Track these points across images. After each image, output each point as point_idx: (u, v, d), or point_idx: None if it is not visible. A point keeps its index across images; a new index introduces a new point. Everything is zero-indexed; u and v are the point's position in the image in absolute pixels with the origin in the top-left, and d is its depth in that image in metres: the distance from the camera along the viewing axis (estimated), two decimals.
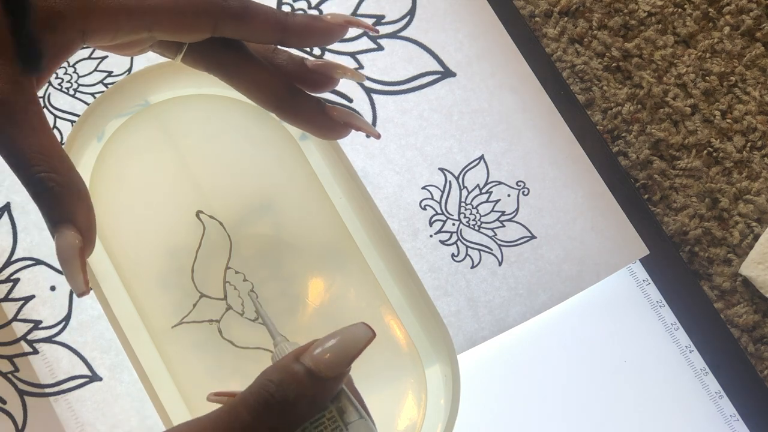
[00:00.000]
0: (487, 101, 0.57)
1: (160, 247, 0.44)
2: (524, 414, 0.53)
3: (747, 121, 0.60)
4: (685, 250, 0.58)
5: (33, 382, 0.50)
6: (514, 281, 0.54)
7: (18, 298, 0.51)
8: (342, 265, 0.45)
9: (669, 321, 0.55)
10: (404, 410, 0.44)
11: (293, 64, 0.41)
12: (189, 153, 0.45)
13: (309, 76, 0.41)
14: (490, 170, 0.56)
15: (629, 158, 0.59)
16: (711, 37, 0.61)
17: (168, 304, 0.43)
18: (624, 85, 0.61)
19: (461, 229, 0.55)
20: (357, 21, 0.41)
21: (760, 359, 0.57)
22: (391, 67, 0.57)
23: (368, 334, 0.32)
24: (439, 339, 0.43)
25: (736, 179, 0.59)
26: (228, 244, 0.44)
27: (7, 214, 0.52)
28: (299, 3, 0.57)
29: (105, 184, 0.44)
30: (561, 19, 0.61)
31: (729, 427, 0.54)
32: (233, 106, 0.45)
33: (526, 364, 0.54)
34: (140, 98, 0.44)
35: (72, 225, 0.34)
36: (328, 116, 0.41)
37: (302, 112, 0.40)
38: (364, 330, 0.32)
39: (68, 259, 0.34)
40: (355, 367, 0.33)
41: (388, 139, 0.55)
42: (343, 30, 0.41)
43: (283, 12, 0.39)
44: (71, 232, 0.34)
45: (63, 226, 0.34)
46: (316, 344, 0.32)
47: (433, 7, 0.58)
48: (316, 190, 0.45)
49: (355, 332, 0.32)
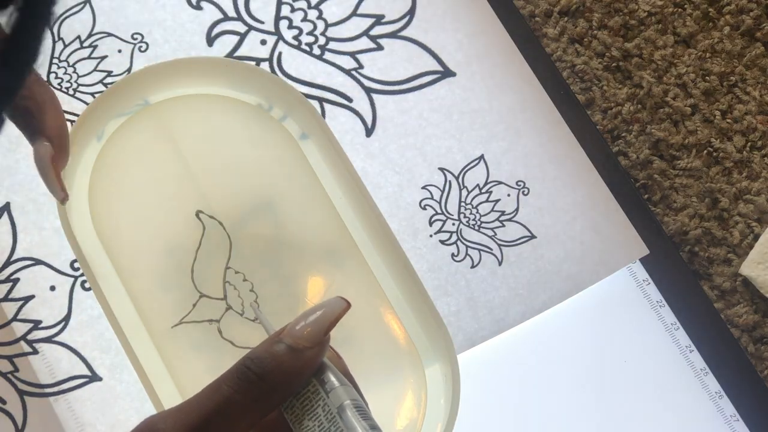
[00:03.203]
0: (487, 101, 0.57)
1: (160, 247, 0.44)
2: (524, 414, 0.53)
3: (747, 121, 0.60)
4: (685, 250, 0.58)
5: (33, 382, 0.50)
6: (514, 281, 0.54)
7: (18, 298, 0.51)
8: (342, 264, 0.45)
9: (669, 321, 0.55)
10: (404, 410, 0.44)
11: None
12: (189, 153, 0.45)
13: None
14: (490, 170, 0.56)
15: (629, 158, 0.59)
16: (711, 37, 0.61)
17: (168, 304, 0.43)
18: (624, 85, 0.61)
19: (461, 228, 0.55)
20: None
21: (760, 359, 0.57)
22: (391, 67, 0.57)
23: (343, 305, 0.34)
24: (439, 339, 0.43)
25: (736, 179, 0.59)
26: (228, 244, 0.44)
27: (6, 214, 0.52)
28: (299, 3, 0.57)
29: (105, 184, 0.44)
30: (561, 19, 0.61)
31: (729, 427, 0.54)
32: (233, 106, 0.45)
33: (525, 364, 0.54)
34: (140, 98, 0.44)
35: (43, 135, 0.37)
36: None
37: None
38: (339, 302, 0.34)
39: (43, 167, 0.37)
40: (355, 366, 0.33)
41: (388, 138, 0.55)
42: None
43: None
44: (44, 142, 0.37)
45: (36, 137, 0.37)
46: (294, 322, 0.33)
47: (433, 7, 0.58)
48: (316, 190, 0.45)
49: (331, 304, 0.34)
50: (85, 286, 0.51)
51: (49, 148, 0.37)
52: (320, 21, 0.57)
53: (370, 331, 0.44)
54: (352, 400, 0.31)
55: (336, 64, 0.56)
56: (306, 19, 0.57)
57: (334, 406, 0.31)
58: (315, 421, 0.31)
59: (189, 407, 0.32)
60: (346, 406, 0.31)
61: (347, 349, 0.44)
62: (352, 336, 0.44)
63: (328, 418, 0.31)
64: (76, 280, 0.51)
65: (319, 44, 0.57)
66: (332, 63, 0.56)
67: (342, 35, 0.57)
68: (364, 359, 0.44)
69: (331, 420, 0.31)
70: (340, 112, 0.56)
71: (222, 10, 0.57)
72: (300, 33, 0.57)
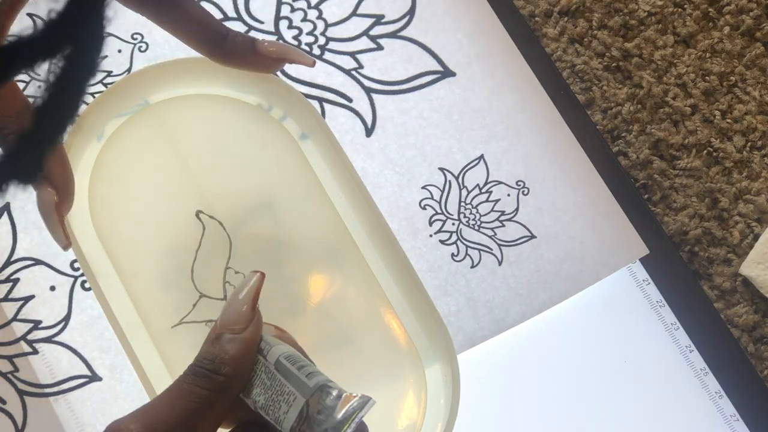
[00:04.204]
0: (487, 101, 0.57)
1: (160, 247, 0.43)
2: (524, 414, 0.53)
3: (747, 121, 0.60)
4: (685, 250, 0.58)
5: (33, 382, 0.50)
6: (514, 281, 0.54)
7: (18, 298, 0.51)
8: (342, 264, 0.45)
9: (669, 321, 0.55)
10: (404, 410, 0.44)
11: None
12: (189, 153, 0.45)
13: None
14: (489, 170, 0.56)
15: (629, 158, 0.59)
16: (711, 37, 0.61)
17: (168, 304, 0.43)
18: (624, 85, 0.61)
19: (461, 228, 0.55)
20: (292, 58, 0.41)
21: (760, 359, 0.57)
22: (391, 67, 0.57)
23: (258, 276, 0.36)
24: (439, 339, 0.43)
25: (736, 179, 0.59)
26: (228, 244, 0.44)
27: (6, 214, 0.52)
28: (299, 3, 0.57)
29: (104, 184, 0.44)
30: (561, 19, 0.61)
31: (729, 427, 0.54)
32: (233, 106, 0.45)
33: (525, 364, 0.54)
34: (140, 98, 0.44)
35: (47, 181, 0.36)
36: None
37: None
38: (253, 275, 0.36)
39: (46, 214, 0.37)
40: (355, 366, 0.34)
41: (388, 138, 0.55)
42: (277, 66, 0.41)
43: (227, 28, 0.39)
44: (47, 189, 0.36)
45: (40, 182, 0.36)
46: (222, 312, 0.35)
47: (433, 6, 0.58)
48: (316, 190, 0.45)
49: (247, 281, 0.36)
50: (85, 286, 0.51)
51: (52, 195, 0.36)
52: (320, 21, 0.57)
53: (370, 331, 0.44)
54: (284, 354, 0.34)
55: (336, 64, 0.56)
56: (306, 19, 0.57)
57: (272, 365, 0.34)
58: (260, 386, 0.34)
59: (153, 409, 0.32)
60: (279, 359, 0.34)
61: (347, 349, 0.44)
62: (352, 336, 0.44)
63: (269, 376, 0.34)
64: (76, 280, 0.51)
65: (319, 44, 0.57)
66: (332, 63, 0.56)
67: (342, 35, 0.57)
68: (364, 359, 0.44)
69: (271, 377, 0.33)
70: (340, 112, 0.56)
71: (222, 10, 0.57)
72: (300, 33, 0.57)
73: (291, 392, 0.33)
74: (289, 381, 0.33)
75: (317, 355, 0.37)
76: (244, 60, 0.41)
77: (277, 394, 0.33)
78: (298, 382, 0.33)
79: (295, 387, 0.33)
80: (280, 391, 0.33)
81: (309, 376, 0.33)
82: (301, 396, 0.32)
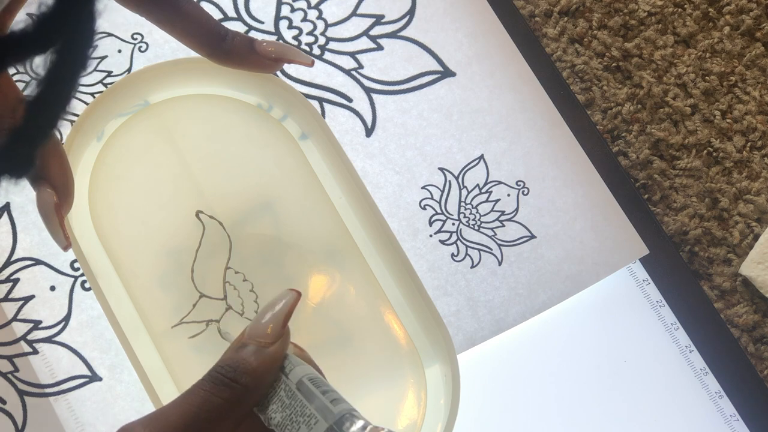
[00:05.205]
0: (487, 101, 0.57)
1: (160, 247, 0.44)
2: (524, 414, 0.53)
3: (747, 121, 0.60)
4: (685, 250, 0.58)
5: (33, 382, 0.50)
6: (514, 281, 0.54)
7: (18, 298, 0.51)
8: (342, 264, 0.45)
9: (669, 321, 0.55)
10: (404, 410, 0.44)
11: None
12: (189, 153, 0.45)
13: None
14: (489, 170, 0.56)
15: (629, 158, 0.59)
16: (711, 37, 0.61)
17: (168, 304, 0.43)
18: (624, 85, 0.61)
19: (461, 228, 0.55)
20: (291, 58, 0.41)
21: (760, 359, 0.57)
22: (391, 67, 0.57)
23: (294, 296, 0.35)
24: (439, 339, 0.43)
25: (736, 179, 0.59)
26: (228, 244, 0.44)
27: (6, 214, 0.52)
28: (299, 3, 0.57)
29: (105, 184, 0.44)
30: (561, 19, 0.61)
31: (729, 427, 0.54)
32: (233, 106, 0.45)
33: (525, 364, 0.54)
34: (140, 98, 0.44)
35: (47, 182, 0.36)
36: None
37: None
38: (290, 293, 0.35)
39: (46, 215, 0.37)
40: (355, 366, 0.33)
41: (388, 138, 0.55)
42: (276, 66, 0.41)
43: (225, 28, 0.39)
44: (47, 189, 0.36)
45: (40, 183, 0.36)
46: (253, 322, 0.35)
47: (433, 6, 0.58)
48: (316, 190, 0.45)
49: (284, 298, 0.35)
50: (85, 286, 0.51)
51: (52, 196, 0.36)
52: (320, 21, 0.57)
53: (370, 331, 0.44)
54: (308, 375, 0.34)
55: (336, 64, 0.56)
56: (306, 19, 0.57)
57: (293, 384, 0.33)
58: (278, 403, 0.33)
59: (165, 414, 0.32)
60: (303, 380, 0.33)
61: (347, 349, 0.44)
62: (352, 336, 0.44)
63: (289, 395, 0.33)
64: (76, 280, 0.51)
65: (319, 44, 0.57)
66: (332, 63, 0.56)
67: (342, 35, 0.57)
68: (364, 359, 0.44)
69: (291, 396, 0.33)
70: (340, 112, 0.56)
71: (222, 10, 0.57)
72: (300, 33, 0.57)
73: (312, 415, 0.32)
74: (312, 403, 0.33)
75: (317, 355, 0.37)
76: (244, 60, 0.41)
77: (297, 415, 0.33)
78: (322, 407, 0.32)
79: (317, 410, 0.32)
80: (300, 412, 0.33)
81: (333, 402, 0.33)
82: (324, 420, 0.32)
